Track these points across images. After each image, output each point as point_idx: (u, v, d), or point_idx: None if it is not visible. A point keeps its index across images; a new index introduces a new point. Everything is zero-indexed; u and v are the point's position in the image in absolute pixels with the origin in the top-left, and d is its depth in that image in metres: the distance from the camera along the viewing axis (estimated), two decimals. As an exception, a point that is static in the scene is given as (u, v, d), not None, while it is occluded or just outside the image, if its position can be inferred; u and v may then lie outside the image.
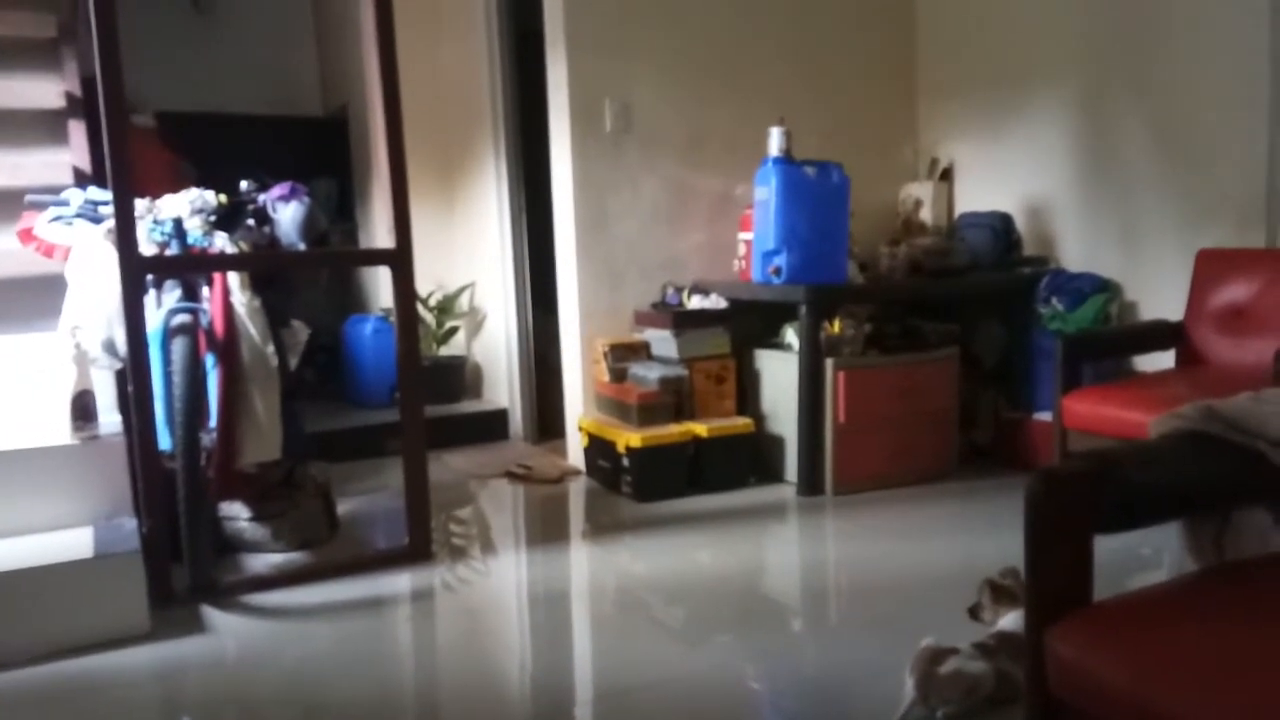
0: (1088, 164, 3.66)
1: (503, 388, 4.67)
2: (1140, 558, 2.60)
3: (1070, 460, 1.43)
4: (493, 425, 4.60)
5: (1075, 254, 3.72)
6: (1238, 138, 3.13)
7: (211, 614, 2.51)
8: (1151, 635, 1.22)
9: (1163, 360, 3.20)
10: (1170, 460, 1.41)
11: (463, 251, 4.99)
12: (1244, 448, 1.40)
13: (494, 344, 4.75)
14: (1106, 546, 1.34)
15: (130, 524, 2.55)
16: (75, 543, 2.45)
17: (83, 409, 2.67)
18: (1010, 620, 1.94)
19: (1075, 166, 3.71)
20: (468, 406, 4.75)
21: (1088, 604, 1.31)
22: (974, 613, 2.09)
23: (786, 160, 3.48)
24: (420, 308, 4.76)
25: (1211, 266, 3.08)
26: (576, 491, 3.70)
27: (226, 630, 2.42)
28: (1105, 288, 3.49)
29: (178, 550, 2.55)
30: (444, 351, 4.94)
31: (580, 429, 3.81)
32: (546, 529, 3.39)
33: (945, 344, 3.67)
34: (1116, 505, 1.32)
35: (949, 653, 1.83)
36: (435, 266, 4.92)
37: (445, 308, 4.92)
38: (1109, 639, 1.22)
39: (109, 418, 2.76)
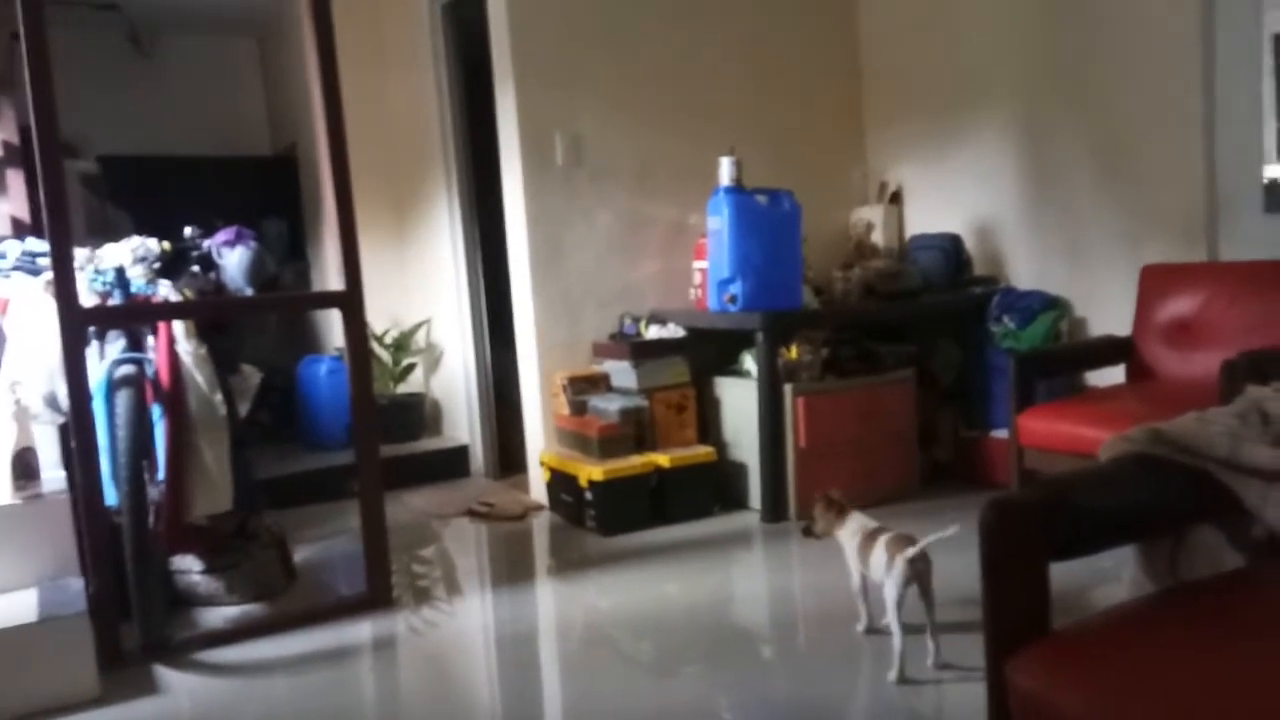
0: (1031, 184, 3.73)
1: (462, 424, 4.62)
2: (1100, 570, 2.61)
3: (1021, 489, 1.44)
4: (453, 462, 4.54)
5: (1024, 272, 3.78)
6: (1175, 155, 3.21)
7: (164, 674, 2.43)
8: (1111, 663, 1.22)
9: (1114, 375, 3.25)
10: (1120, 484, 1.42)
11: (417, 287, 4.95)
12: (1192, 468, 1.41)
13: (452, 380, 4.71)
14: (1066, 561, 1.35)
15: (77, 584, 2.47)
16: (19, 606, 2.37)
17: (24, 466, 2.59)
18: (850, 526, 2.30)
19: (1020, 187, 3.78)
20: (427, 444, 4.69)
21: (1046, 632, 1.31)
22: (808, 530, 2.40)
23: (738, 189, 3.51)
24: (376, 345, 4.71)
25: (1156, 281, 3.14)
26: (540, 527, 3.66)
27: (181, 690, 2.35)
28: (1054, 305, 3.55)
29: (128, 608, 2.48)
30: (401, 389, 4.88)
31: (542, 464, 3.77)
32: (511, 567, 3.35)
33: (902, 365, 3.70)
34: (1070, 532, 1.32)
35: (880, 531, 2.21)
36: (390, 303, 4.87)
37: (401, 345, 4.86)
38: (1069, 669, 1.22)
39: (52, 474, 2.68)
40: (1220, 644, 1.23)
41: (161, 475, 2.63)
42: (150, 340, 2.71)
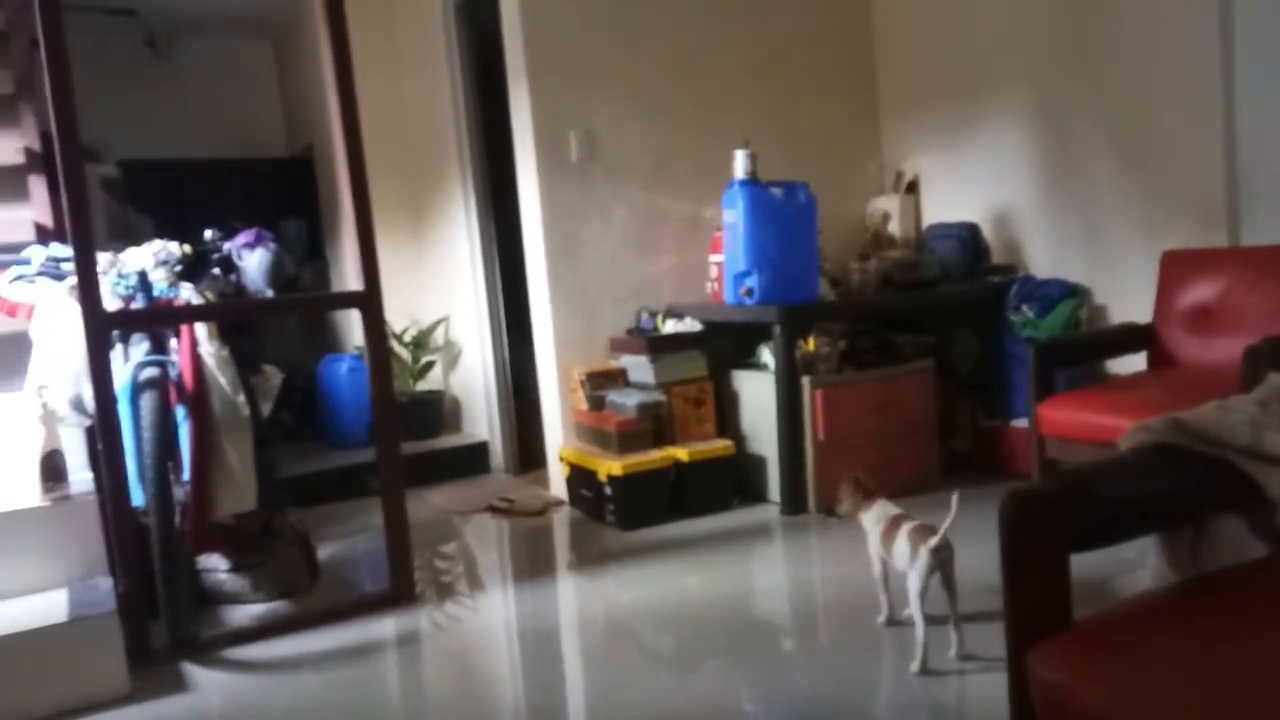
0: (1049, 171, 3.70)
1: (482, 420, 4.64)
2: (1123, 560, 2.60)
3: (1041, 480, 1.44)
4: (474, 459, 4.57)
5: (1043, 260, 3.76)
6: (1194, 139, 3.17)
7: (193, 671, 2.47)
8: (1132, 653, 1.22)
9: (1135, 363, 3.23)
10: (1140, 475, 1.41)
11: (435, 285, 4.97)
12: (1213, 458, 1.40)
13: (471, 377, 4.73)
14: (1088, 552, 1.34)
15: (106, 584, 2.51)
16: (50, 606, 2.41)
17: (52, 469, 2.63)
18: (875, 513, 2.32)
19: (1037, 174, 3.75)
20: (447, 441, 4.72)
21: (1068, 624, 1.31)
22: (831, 510, 2.43)
23: (753, 182, 3.50)
24: (395, 344, 4.74)
25: (1177, 267, 3.11)
26: (560, 523, 3.68)
27: (209, 687, 2.38)
28: (1074, 293, 3.52)
29: (156, 607, 2.51)
30: (421, 387, 4.91)
31: (561, 459, 3.79)
32: (532, 563, 3.37)
33: (920, 356, 3.69)
34: (1090, 523, 1.32)
35: (903, 520, 2.22)
36: (408, 301, 4.90)
37: (420, 343, 4.89)
38: (1090, 660, 1.22)
39: (80, 476, 2.72)
40: (1242, 633, 1.23)
41: (187, 476, 2.66)
42: (173, 343, 2.75)
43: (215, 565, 2.89)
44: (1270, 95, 3.02)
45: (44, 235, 3.29)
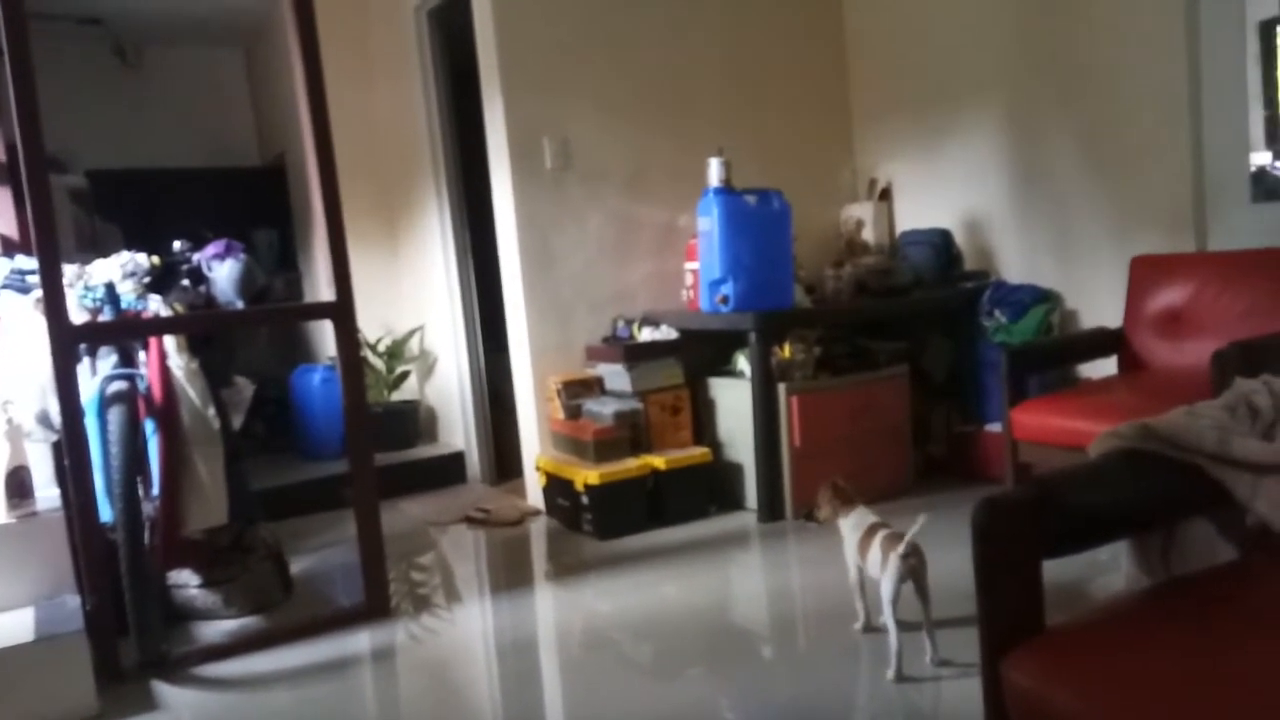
0: (1020, 177, 3.74)
1: (458, 430, 4.61)
2: (1097, 564, 2.62)
3: (1013, 488, 1.45)
4: (450, 469, 4.54)
5: (1014, 266, 3.79)
6: (1162, 145, 3.21)
7: (163, 689, 2.43)
8: (1104, 658, 1.22)
9: (1106, 367, 3.26)
10: (1111, 481, 1.42)
11: (410, 295, 4.94)
12: (1182, 463, 1.42)
13: (447, 386, 4.70)
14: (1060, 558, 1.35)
15: (73, 602, 2.46)
16: (16, 625, 2.36)
17: (18, 485, 2.58)
18: (853, 519, 2.32)
19: (1008, 180, 3.78)
20: (423, 451, 4.69)
21: (1041, 629, 1.31)
22: (810, 515, 2.44)
23: (727, 190, 3.50)
24: (369, 353, 4.71)
25: (1146, 272, 3.14)
26: (537, 532, 3.66)
27: (180, 705, 2.35)
28: (1046, 298, 3.55)
29: (125, 624, 2.47)
30: (396, 397, 4.87)
31: (538, 468, 3.77)
32: (509, 573, 3.35)
33: (895, 362, 3.71)
34: (1061, 530, 1.33)
35: (879, 527, 2.21)
36: (383, 311, 4.87)
37: (395, 352, 4.86)
38: (1064, 666, 1.23)
39: (47, 493, 2.67)
40: (1215, 635, 1.24)
41: (156, 490, 2.62)
42: (142, 355, 2.71)
43: (186, 581, 2.85)
44: (1235, 100, 3.07)
45: (9, 247, 3.23)
